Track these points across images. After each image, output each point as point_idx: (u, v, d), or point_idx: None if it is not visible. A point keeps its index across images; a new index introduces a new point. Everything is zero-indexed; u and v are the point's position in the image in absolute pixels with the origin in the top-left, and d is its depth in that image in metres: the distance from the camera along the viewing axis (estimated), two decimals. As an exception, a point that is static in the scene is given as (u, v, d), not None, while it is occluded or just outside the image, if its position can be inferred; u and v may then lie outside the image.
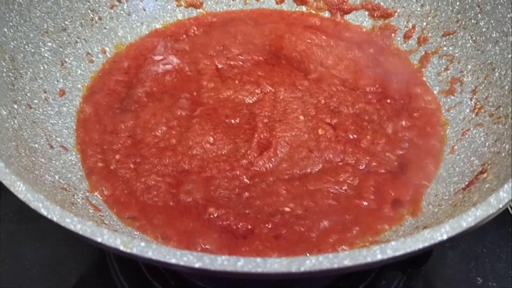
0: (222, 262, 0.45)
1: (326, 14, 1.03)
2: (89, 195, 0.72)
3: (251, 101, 0.86)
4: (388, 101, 0.87)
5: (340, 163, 0.78)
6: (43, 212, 0.50)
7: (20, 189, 0.52)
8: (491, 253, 0.86)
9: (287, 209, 0.72)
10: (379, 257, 0.46)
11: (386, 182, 0.76)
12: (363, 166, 0.78)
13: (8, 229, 0.88)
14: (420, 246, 0.47)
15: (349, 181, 0.76)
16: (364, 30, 1.00)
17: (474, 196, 0.65)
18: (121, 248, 0.47)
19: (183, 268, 0.46)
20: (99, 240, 0.47)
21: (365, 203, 0.73)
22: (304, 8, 1.04)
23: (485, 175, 0.68)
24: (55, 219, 0.49)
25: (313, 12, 1.04)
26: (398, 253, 0.46)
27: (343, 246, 0.69)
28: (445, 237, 0.48)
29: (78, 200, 0.69)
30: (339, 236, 0.70)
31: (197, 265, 0.45)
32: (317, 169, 0.77)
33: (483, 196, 0.61)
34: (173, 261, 0.45)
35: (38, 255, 0.85)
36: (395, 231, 0.70)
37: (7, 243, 0.87)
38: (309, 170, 0.77)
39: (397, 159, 0.79)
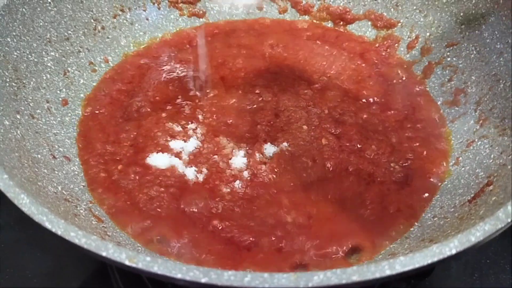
0: (229, 278, 0.45)
1: (329, 24, 1.03)
2: (92, 206, 0.72)
3: (253, 111, 0.86)
4: (392, 112, 0.87)
5: (343, 173, 0.78)
6: (47, 225, 0.49)
7: (24, 202, 0.51)
8: (495, 264, 0.85)
9: (289, 219, 0.72)
10: (387, 272, 0.45)
11: (390, 192, 0.76)
12: (368, 176, 0.77)
13: (9, 238, 0.88)
14: (429, 261, 0.46)
15: (353, 190, 0.75)
16: (367, 40, 1.00)
17: (480, 209, 0.64)
18: (126, 262, 0.46)
19: (188, 284, 0.45)
20: (104, 254, 0.47)
21: (370, 214, 0.73)
22: (307, 18, 1.04)
23: (491, 187, 0.68)
24: (59, 232, 0.49)
25: (316, 22, 1.04)
26: (406, 269, 0.46)
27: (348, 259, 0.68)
28: (454, 251, 0.48)
29: (81, 211, 0.68)
30: (341, 248, 0.69)
31: (203, 280, 0.45)
32: (321, 179, 0.77)
33: (490, 210, 0.60)
34: (179, 276, 0.45)
35: (39, 264, 0.85)
36: (401, 243, 0.70)
37: (8, 252, 0.86)
38: (312, 180, 0.77)
39: (402, 169, 0.78)
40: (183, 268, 0.45)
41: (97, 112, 0.86)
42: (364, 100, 0.89)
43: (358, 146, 0.81)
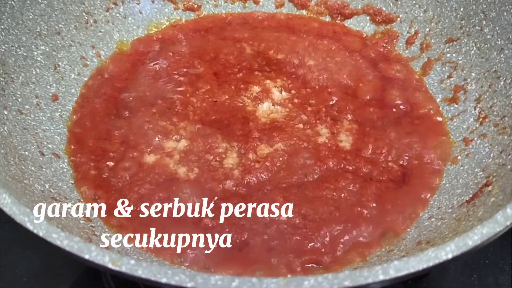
0: (216, 282, 0.43)
1: (327, 19, 1.01)
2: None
3: (247, 108, 0.84)
4: (390, 108, 0.85)
5: (340, 171, 0.76)
6: (29, 226, 0.48)
7: (6, 202, 0.50)
8: (493, 266, 0.84)
9: (283, 218, 0.70)
10: (381, 277, 0.44)
11: (387, 190, 0.74)
12: (365, 175, 0.76)
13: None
14: (424, 265, 0.45)
15: (349, 188, 0.74)
16: (366, 35, 0.98)
17: (479, 210, 0.63)
18: (110, 266, 0.45)
19: (174, 288, 0.44)
20: (86, 257, 0.45)
21: (366, 213, 0.71)
22: (304, 13, 1.02)
23: (490, 188, 0.67)
24: (41, 234, 0.47)
25: (314, 16, 1.02)
26: (400, 274, 0.44)
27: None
28: (450, 256, 0.46)
29: (69, 210, 0.67)
30: (336, 248, 0.68)
31: (189, 284, 0.43)
32: (316, 177, 0.75)
33: (489, 211, 0.59)
34: (164, 280, 0.44)
35: (29, 264, 0.83)
36: (397, 245, 0.68)
37: (-2, 251, 0.85)
38: (307, 179, 0.75)
39: (399, 168, 0.77)
40: (169, 272, 0.44)
41: (88, 108, 0.85)
42: (362, 97, 0.87)
43: (356, 144, 0.79)
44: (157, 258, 0.67)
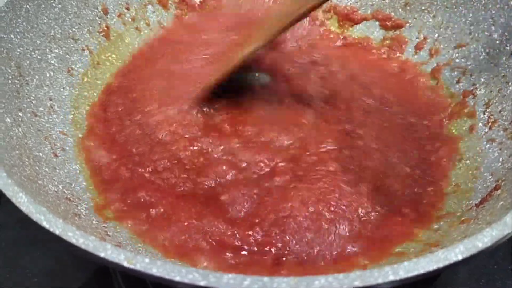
0: (228, 281, 0.44)
1: (336, 24, 1.02)
2: (93, 206, 0.71)
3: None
4: (399, 113, 0.86)
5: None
6: (45, 225, 0.49)
7: (22, 201, 0.51)
8: (502, 270, 0.84)
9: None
10: (391, 278, 0.44)
11: (397, 195, 0.74)
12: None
13: (10, 237, 0.88)
14: (435, 267, 0.45)
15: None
16: (374, 40, 0.98)
17: (487, 214, 0.63)
18: (125, 264, 0.45)
19: (187, 286, 0.45)
20: (102, 255, 0.46)
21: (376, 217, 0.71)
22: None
23: (499, 191, 0.67)
24: (57, 232, 0.48)
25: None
26: (410, 274, 0.45)
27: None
28: (460, 257, 0.46)
29: (82, 210, 0.67)
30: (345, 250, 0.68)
31: (202, 283, 0.44)
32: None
33: (497, 215, 0.59)
34: (177, 278, 0.44)
35: (39, 264, 0.84)
36: (405, 247, 0.68)
37: (8, 251, 0.86)
38: None
39: (409, 172, 0.77)
40: (182, 271, 0.44)
41: (101, 110, 0.85)
42: (371, 101, 0.87)
43: (366, 147, 0.79)
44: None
